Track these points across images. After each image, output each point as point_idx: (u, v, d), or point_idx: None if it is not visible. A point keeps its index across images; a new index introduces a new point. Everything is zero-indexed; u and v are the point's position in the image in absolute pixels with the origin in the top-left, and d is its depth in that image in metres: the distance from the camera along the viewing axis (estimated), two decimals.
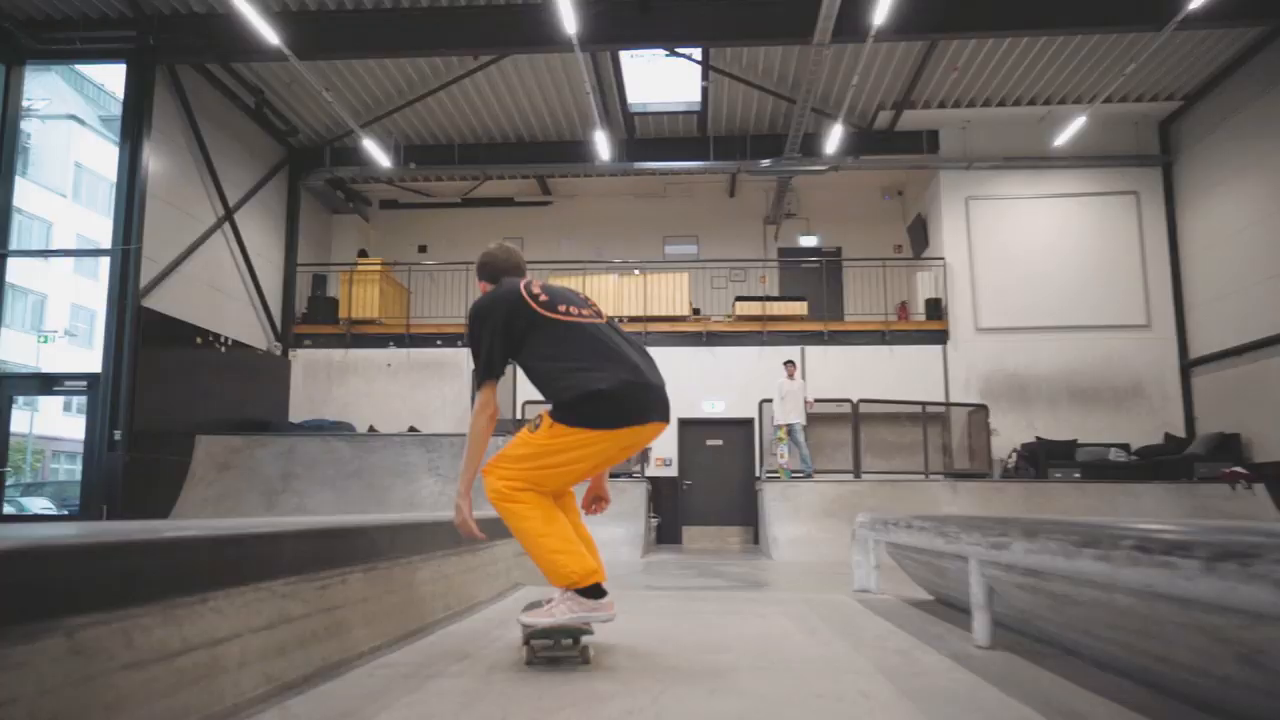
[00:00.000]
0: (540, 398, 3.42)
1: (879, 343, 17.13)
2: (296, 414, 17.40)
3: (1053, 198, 17.10)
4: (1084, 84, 15.72)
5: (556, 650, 3.31)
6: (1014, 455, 15.89)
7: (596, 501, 3.87)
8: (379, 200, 21.19)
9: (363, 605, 3.56)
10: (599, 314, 3.57)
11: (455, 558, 4.74)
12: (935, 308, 17.22)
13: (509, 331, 3.39)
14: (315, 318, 18.20)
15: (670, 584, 8.90)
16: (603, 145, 16.78)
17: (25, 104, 14.66)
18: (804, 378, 15.32)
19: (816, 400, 14.72)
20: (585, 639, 3.30)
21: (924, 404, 15.60)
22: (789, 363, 14.79)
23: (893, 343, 17.07)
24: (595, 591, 3.25)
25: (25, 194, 32.85)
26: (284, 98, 16.51)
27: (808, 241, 20.25)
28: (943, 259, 17.18)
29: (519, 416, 15.29)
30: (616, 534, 12.71)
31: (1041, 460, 15.37)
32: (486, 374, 3.41)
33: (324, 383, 17.75)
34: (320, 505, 13.77)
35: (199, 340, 14.76)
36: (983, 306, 16.90)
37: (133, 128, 13.61)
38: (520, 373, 3.53)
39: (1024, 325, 16.68)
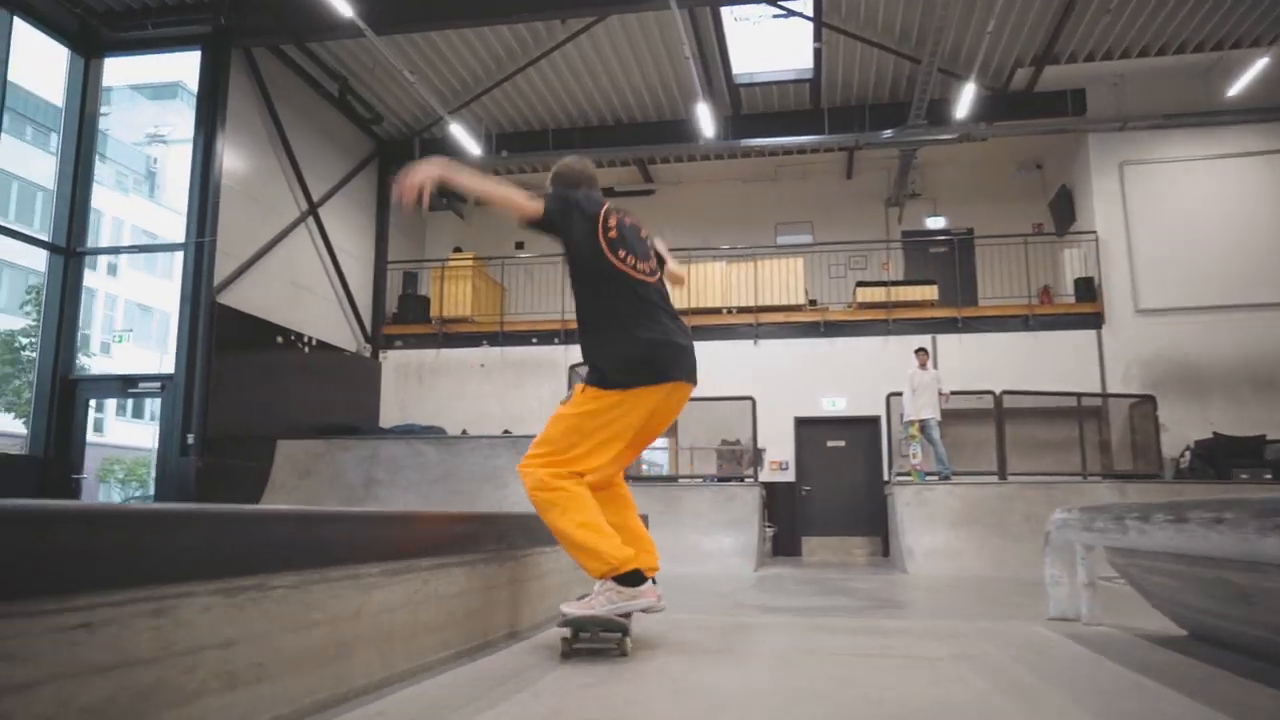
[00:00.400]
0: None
1: (1021, 329, 15.20)
2: (387, 419, 16.48)
3: (1225, 158, 14.87)
4: (1264, 21, 13.51)
5: (595, 642, 3.18)
6: (1187, 453, 13.75)
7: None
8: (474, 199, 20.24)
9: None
10: (654, 271, 3.52)
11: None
12: (1087, 288, 15.20)
13: (568, 226, 3.38)
14: (406, 317, 17.28)
15: (787, 603, 7.39)
16: (706, 121, 15.36)
17: (153, 128, 14.11)
18: (936, 368, 13.53)
19: (953, 393, 12.94)
20: (619, 635, 3.15)
21: (1079, 395, 13.62)
22: (921, 350, 13.07)
23: (1038, 328, 15.12)
24: (634, 579, 3.12)
25: (154, 216, 33.42)
26: (368, 84, 15.66)
27: (934, 224, 18.39)
28: (1094, 233, 15.15)
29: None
30: (725, 544, 11.23)
31: (1222, 459, 13.21)
32: (542, 213, 3.35)
33: (415, 385, 16.79)
34: None
35: (279, 340, 13.90)
36: (1143, 285, 14.79)
37: (207, 115, 12.86)
38: None
39: (1193, 305, 14.50)
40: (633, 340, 3.26)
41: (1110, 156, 15.24)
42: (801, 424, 15.44)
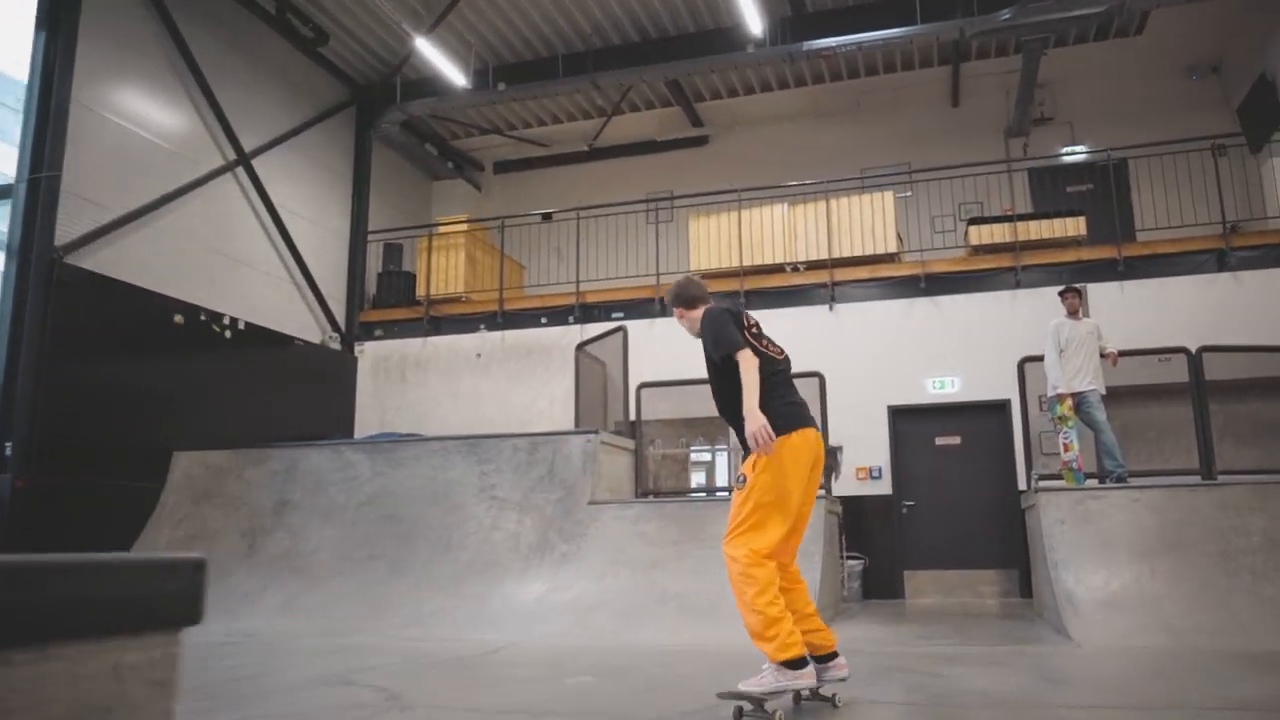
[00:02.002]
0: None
1: (1213, 269, 10.63)
2: (364, 426, 12.92)
3: None
4: None
5: (758, 714, 3.72)
6: None
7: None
8: (492, 164, 16.68)
9: None
10: (783, 353, 4.40)
11: None
12: None
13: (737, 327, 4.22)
14: (387, 299, 13.72)
15: None
16: (753, 18, 11.41)
17: None
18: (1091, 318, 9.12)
19: (1122, 353, 8.56)
20: (773, 705, 3.74)
21: None
22: (1071, 291, 8.72)
23: (1239, 267, 10.52)
24: (798, 663, 3.79)
25: None
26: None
27: (1074, 157, 13.85)
28: None
29: (630, 419, 10.04)
30: None
31: None
32: (733, 346, 4.10)
33: (397, 384, 13.17)
34: (318, 548, 8.97)
35: (179, 320, 10.43)
36: None
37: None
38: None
39: None
40: (783, 396, 4.21)
41: None
42: (898, 415, 11.17)
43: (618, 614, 7.44)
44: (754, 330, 4.32)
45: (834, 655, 3.99)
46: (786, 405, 4.11)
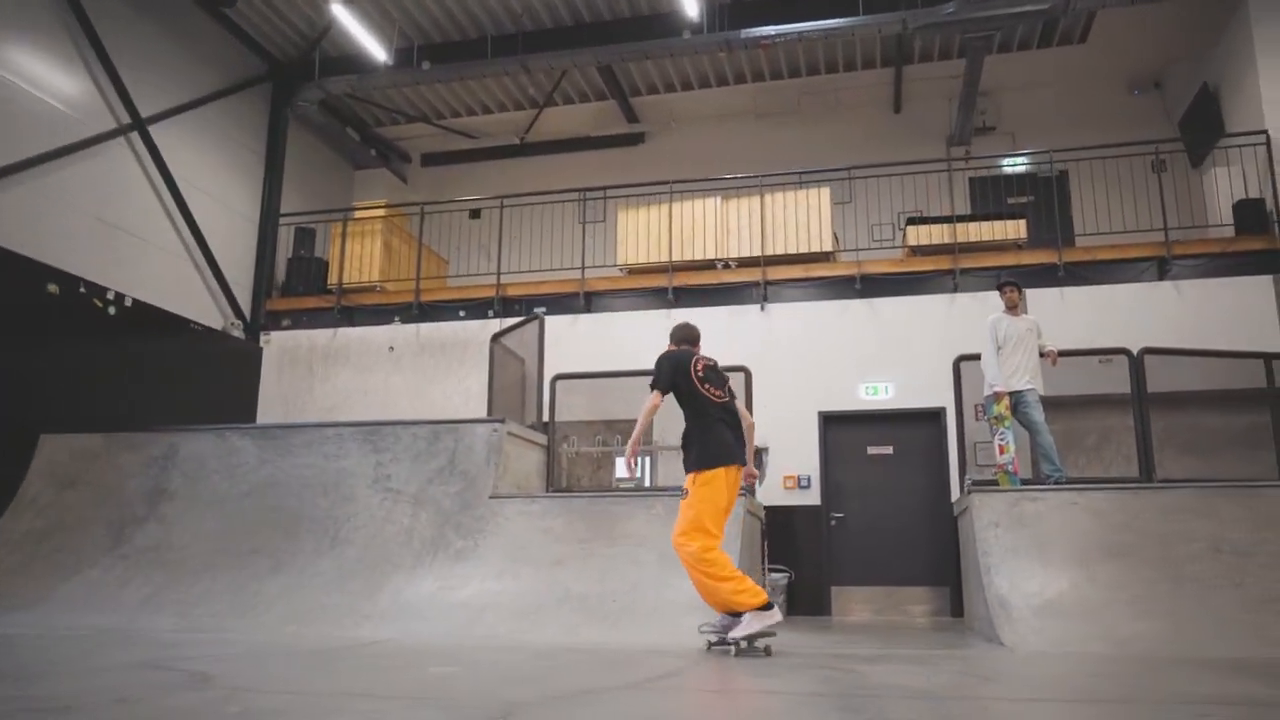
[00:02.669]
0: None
1: (1153, 277, 10.31)
2: (267, 420, 12.02)
3: None
4: None
5: (751, 650, 5.12)
6: None
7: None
8: (419, 155, 15.96)
9: None
10: (728, 395, 5.64)
11: None
12: (1254, 215, 10.29)
13: (674, 378, 5.52)
14: (296, 287, 12.89)
15: None
16: (690, 1, 10.94)
17: None
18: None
19: (1062, 353, 8.13)
20: (762, 642, 5.17)
21: (1268, 356, 8.64)
22: (1009, 286, 8.26)
23: (1180, 276, 10.20)
24: (768, 606, 5.12)
25: None
26: None
27: (1015, 167, 13.55)
28: (1264, 133, 10.26)
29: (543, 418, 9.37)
30: (680, 595, 6.46)
31: None
32: (656, 386, 5.50)
33: (304, 377, 12.34)
34: (193, 541, 8.14)
35: (53, 289, 9.54)
36: None
37: None
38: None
39: None
40: (717, 437, 5.45)
41: None
42: (830, 421, 10.66)
43: (514, 614, 6.75)
44: (701, 374, 5.53)
45: (770, 606, 5.17)
46: (719, 445, 5.39)
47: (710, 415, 5.43)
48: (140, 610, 7.44)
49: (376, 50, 11.81)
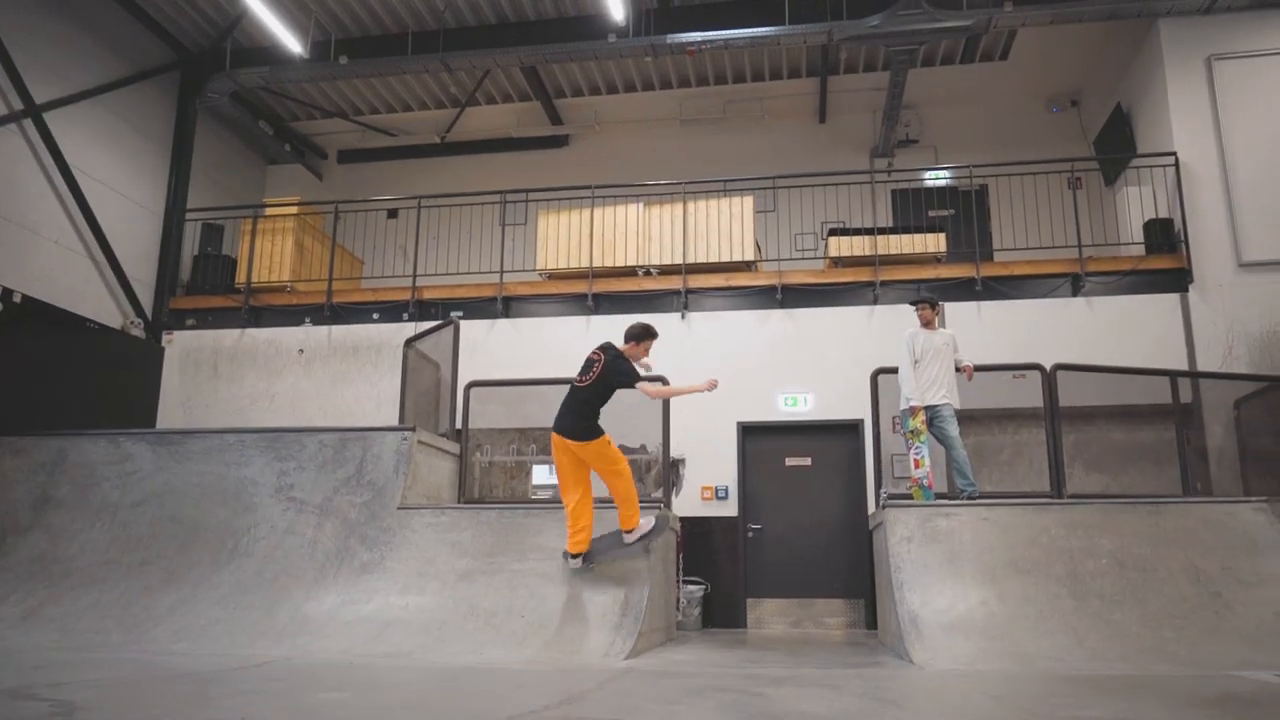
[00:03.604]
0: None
1: (1067, 293, 10.47)
2: (167, 424, 11.53)
3: None
4: None
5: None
6: None
7: None
8: (336, 151, 15.53)
9: None
10: (582, 380, 6.61)
11: None
12: (1164, 234, 10.51)
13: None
14: (202, 285, 12.40)
15: None
16: (615, 4, 10.80)
17: None
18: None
19: (978, 368, 8.16)
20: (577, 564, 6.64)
21: (1174, 374, 8.79)
22: (924, 303, 8.26)
23: (1093, 293, 10.37)
24: (576, 556, 6.63)
25: None
26: None
27: (936, 180, 13.69)
28: (1172, 155, 10.50)
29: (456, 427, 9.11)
30: (590, 607, 6.32)
31: None
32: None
33: (208, 379, 11.85)
34: (81, 552, 7.71)
35: None
36: (1247, 228, 10.13)
37: None
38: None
39: None
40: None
41: (1192, 50, 10.68)
42: (749, 432, 10.59)
43: (419, 630, 6.51)
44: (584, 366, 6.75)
45: (577, 556, 6.65)
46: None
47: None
48: (19, 626, 7.03)
49: (291, 42, 11.42)
